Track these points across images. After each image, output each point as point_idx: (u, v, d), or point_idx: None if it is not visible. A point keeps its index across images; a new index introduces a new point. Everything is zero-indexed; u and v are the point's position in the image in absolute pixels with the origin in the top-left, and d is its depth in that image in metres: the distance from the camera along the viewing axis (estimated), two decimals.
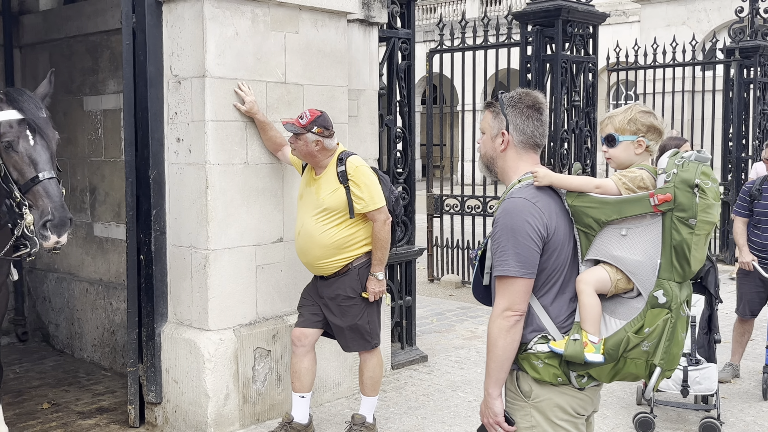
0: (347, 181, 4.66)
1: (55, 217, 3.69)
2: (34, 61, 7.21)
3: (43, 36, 7.05)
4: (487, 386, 2.77)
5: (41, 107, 3.92)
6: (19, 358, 6.80)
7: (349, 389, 5.78)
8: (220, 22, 4.88)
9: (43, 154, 3.80)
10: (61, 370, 6.50)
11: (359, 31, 6.03)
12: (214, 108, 4.91)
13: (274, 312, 5.31)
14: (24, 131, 3.80)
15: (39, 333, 7.31)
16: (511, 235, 2.67)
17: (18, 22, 7.27)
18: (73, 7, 6.86)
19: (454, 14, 29.33)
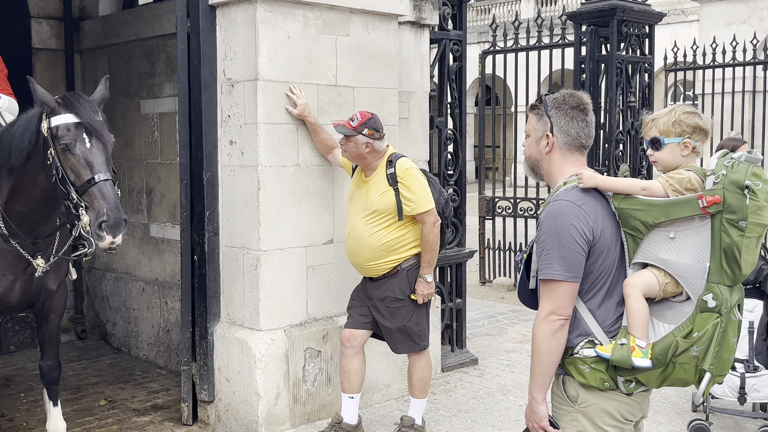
0: (396, 183, 4.68)
1: (110, 218, 3.78)
2: (93, 65, 7.41)
3: (102, 41, 7.25)
4: (531, 390, 2.76)
5: (97, 110, 4.02)
6: (77, 355, 7.00)
7: (398, 391, 5.80)
8: (272, 26, 4.95)
9: (99, 157, 3.91)
10: (117, 368, 6.67)
11: (410, 33, 6.05)
12: (266, 111, 4.98)
13: (324, 313, 5.36)
14: (81, 134, 3.91)
15: (97, 331, 7.51)
16: (556, 238, 2.66)
17: (78, 27, 7.49)
18: (131, 12, 7.04)
19: (508, 15, 29.14)
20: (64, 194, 3.94)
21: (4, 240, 4.36)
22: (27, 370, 6.53)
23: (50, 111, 3.95)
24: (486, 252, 10.38)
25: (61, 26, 7.40)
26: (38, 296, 4.58)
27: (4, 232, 4.34)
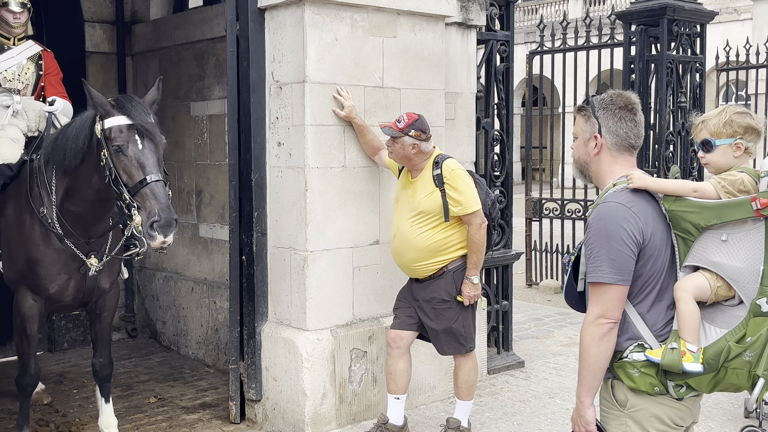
0: (443, 184, 4.68)
1: (162, 218, 3.85)
2: (144, 68, 7.55)
3: (153, 44, 7.38)
4: (579, 394, 2.73)
5: (149, 113, 4.10)
6: (128, 353, 7.13)
7: (444, 392, 5.80)
8: (320, 28, 4.99)
9: (151, 158, 3.98)
10: (167, 366, 6.78)
11: (457, 34, 6.04)
12: (314, 112, 5.02)
13: (370, 313, 5.38)
14: (133, 136, 3.99)
15: (147, 330, 7.64)
16: (605, 240, 2.63)
17: (130, 31, 7.63)
18: (182, 16, 7.15)
19: (556, 15, 28.87)
20: (116, 195, 4.02)
21: (59, 239, 4.47)
22: (80, 367, 6.67)
23: (104, 113, 4.04)
24: (532, 254, 10.30)
25: (113, 30, 7.55)
26: (91, 295, 4.69)
27: (58, 231, 4.45)
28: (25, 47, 5.40)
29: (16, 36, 5.38)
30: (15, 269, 4.64)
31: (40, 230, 4.51)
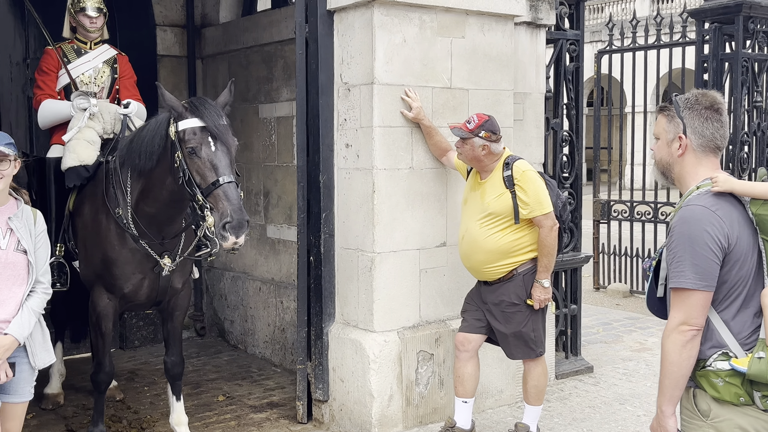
0: (513, 185, 4.61)
1: (234, 219, 3.88)
2: (214, 71, 7.66)
3: (222, 47, 7.47)
4: (660, 403, 2.64)
5: (222, 115, 4.14)
6: (197, 351, 7.23)
7: (511, 397, 5.72)
8: (389, 30, 4.97)
9: (223, 160, 4.02)
10: (235, 365, 6.86)
11: (526, 33, 5.95)
12: (382, 114, 5.01)
13: (437, 316, 5.34)
14: (206, 138, 4.03)
15: (215, 328, 7.74)
16: (688, 245, 2.54)
17: (200, 34, 7.75)
18: (251, 19, 7.23)
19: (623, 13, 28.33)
20: (190, 196, 4.07)
21: (134, 240, 4.55)
22: (150, 365, 6.79)
23: (177, 115, 4.09)
24: (600, 257, 10.11)
25: (183, 34, 7.68)
26: (164, 294, 4.76)
27: (133, 232, 4.53)
28: (101, 51, 5.52)
29: (93, 40, 5.50)
30: (91, 268, 4.75)
31: (116, 230, 4.60)
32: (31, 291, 3.60)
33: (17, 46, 6.96)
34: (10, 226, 3.55)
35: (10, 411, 3.62)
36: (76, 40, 5.50)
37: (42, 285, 3.65)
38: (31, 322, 3.56)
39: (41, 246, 3.67)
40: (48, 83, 5.33)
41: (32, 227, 3.63)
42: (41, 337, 3.68)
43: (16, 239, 3.55)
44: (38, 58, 5.86)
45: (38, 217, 3.70)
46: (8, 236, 3.54)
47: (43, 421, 5.36)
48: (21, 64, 6.97)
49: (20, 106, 6.97)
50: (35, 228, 3.65)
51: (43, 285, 3.65)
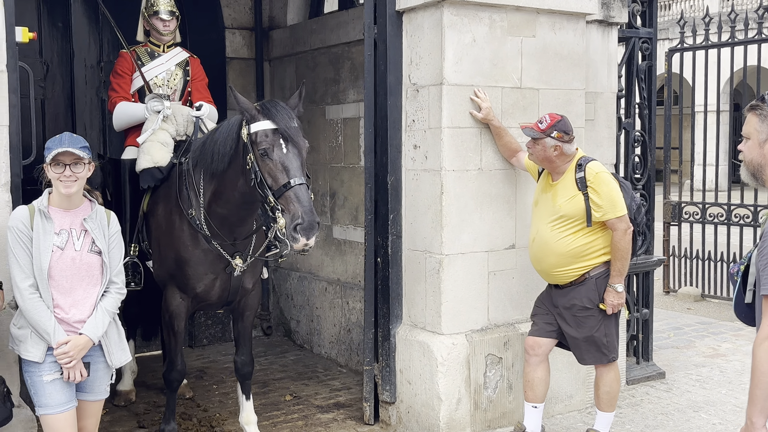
0: (586, 187, 4.50)
1: (305, 221, 3.88)
2: (281, 73, 7.70)
3: (289, 49, 7.52)
4: (750, 414, 2.54)
5: (293, 117, 4.14)
6: (264, 350, 7.28)
7: (581, 402, 5.60)
8: (458, 30, 4.92)
9: (295, 162, 4.02)
10: (301, 365, 6.88)
11: (597, 31, 5.83)
12: (450, 115, 4.95)
13: (505, 319, 5.26)
14: (278, 140, 4.04)
15: (282, 328, 7.79)
16: None
17: (268, 37, 7.81)
18: (318, 21, 7.25)
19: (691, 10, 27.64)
20: (261, 197, 4.08)
21: (206, 240, 4.60)
22: (218, 363, 6.87)
23: (250, 118, 4.11)
24: (671, 260, 9.85)
25: (252, 36, 7.75)
26: (235, 294, 4.79)
27: (206, 233, 4.57)
28: (174, 54, 5.59)
29: (166, 43, 5.58)
30: (164, 268, 4.81)
31: (189, 231, 4.65)
32: (106, 291, 3.65)
33: (92, 50, 7.11)
34: (84, 227, 3.60)
35: (87, 409, 3.68)
36: (149, 44, 5.59)
37: (116, 285, 3.70)
38: (105, 322, 3.60)
39: (115, 246, 3.71)
40: (122, 86, 5.42)
41: (106, 228, 3.68)
42: (117, 337, 3.73)
43: (91, 240, 3.60)
44: (112, 61, 5.98)
45: (112, 218, 3.75)
46: (83, 237, 3.59)
47: (116, 418, 5.47)
48: (95, 67, 7.12)
49: (94, 109, 7.12)
50: (109, 229, 3.69)
51: (117, 285, 3.70)
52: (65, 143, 3.49)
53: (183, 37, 6.13)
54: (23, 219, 3.50)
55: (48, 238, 3.49)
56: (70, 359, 3.48)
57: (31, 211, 3.54)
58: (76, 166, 3.51)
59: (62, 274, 3.51)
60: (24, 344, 3.51)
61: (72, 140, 3.53)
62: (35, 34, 4.09)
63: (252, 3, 7.72)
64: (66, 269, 3.52)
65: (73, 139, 3.55)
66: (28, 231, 3.48)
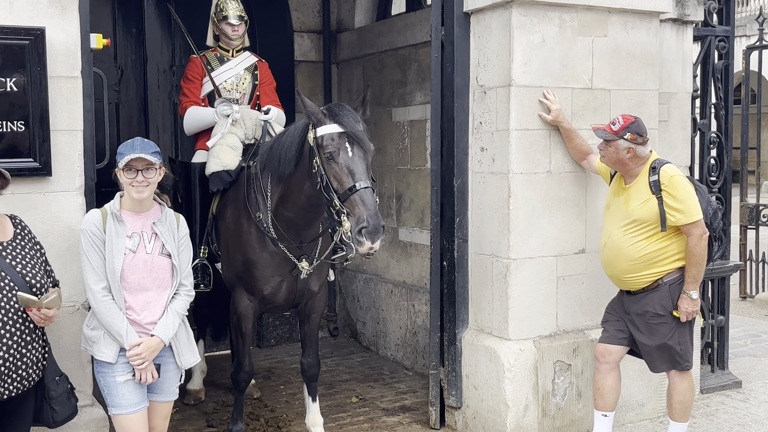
0: (660, 191, 4.36)
1: (370, 225, 3.85)
2: (349, 75, 7.71)
3: (357, 52, 7.52)
4: None
5: (359, 121, 4.12)
6: (330, 352, 7.30)
7: (653, 411, 5.43)
8: (527, 30, 4.83)
9: (360, 165, 3.99)
10: (367, 366, 6.87)
11: (671, 30, 5.65)
12: (519, 117, 4.87)
13: (574, 325, 5.14)
14: (344, 143, 4.02)
15: (348, 329, 7.80)
16: None
17: (336, 39, 7.82)
18: (385, 23, 7.23)
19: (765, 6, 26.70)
20: (327, 201, 4.08)
21: (273, 243, 4.61)
22: (285, 363, 6.91)
23: (316, 121, 4.11)
24: (748, 264, 9.50)
25: (320, 39, 7.78)
26: (302, 297, 4.80)
27: (273, 236, 4.59)
28: (243, 58, 5.64)
29: (235, 48, 5.63)
30: (232, 270, 4.85)
31: (257, 234, 4.68)
32: (175, 293, 3.69)
33: (164, 54, 7.25)
34: (154, 230, 3.64)
35: (157, 409, 3.73)
36: (219, 48, 5.64)
37: (185, 287, 3.74)
38: (175, 324, 3.64)
39: (184, 249, 3.75)
40: (193, 91, 5.49)
41: (175, 231, 3.71)
42: (186, 338, 3.77)
43: (161, 243, 3.64)
44: (183, 66, 6.08)
45: (181, 221, 3.79)
46: (153, 241, 3.63)
47: (186, 416, 5.54)
48: (167, 72, 7.26)
49: (167, 112, 7.25)
50: (178, 232, 3.73)
51: (186, 287, 3.74)
52: (137, 149, 3.53)
53: (252, 41, 6.18)
54: (96, 222, 3.55)
55: (120, 241, 3.54)
56: (142, 360, 3.52)
57: (104, 214, 3.58)
58: (147, 171, 3.55)
59: (134, 277, 3.55)
60: (97, 345, 3.57)
61: (144, 145, 3.57)
62: (109, 40, 4.16)
63: (320, 6, 7.75)
64: (138, 272, 3.56)
65: (145, 144, 3.59)
66: (101, 234, 3.52)
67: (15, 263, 3.31)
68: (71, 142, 3.93)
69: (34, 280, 3.34)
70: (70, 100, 3.92)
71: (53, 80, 3.84)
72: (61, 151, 3.90)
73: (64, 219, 3.95)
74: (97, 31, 4.14)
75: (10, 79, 3.68)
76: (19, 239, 3.42)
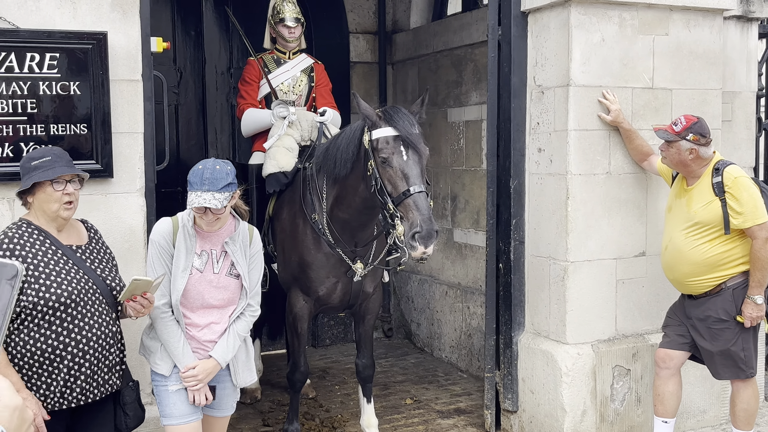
0: (724, 193, 4.23)
1: (423, 230, 3.81)
2: (404, 76, 7.68)
3: (412, 52, 7.48)
4: None
5: (414, 124, 4.08)
6: (384, 352, 7.28)
7: (715, 418, 5.28)
8: (586, 29, 4.73)
9: (414, 169, 3.95)
10: (421, 368, 6.83)
11: (735, 28, 5.48)
12: (577, 117, 4.77)
13: (634, 329, 5.02)
14: (398, 147, 3.98)
15: (402, 330, 7.77)
16: None
17: (391, 40, 7.80)
18: (441, 23, 7.18)
19: None
20: (381, 204, 4.05)
21: (329, 246, 4.60)
22: (340, 363, 6.91)
23: (371, 124, 4.08)
24: None
25: (375, 40, 7.76)
26: (356, 298, 4.78)
27: (329, 239, 4.58)
28: (299, 60, 5.65)
29: (291, 50, 5.65)
30: (288, 271, 4.86)
31: (312, 235, 4.67)
32: (240, 314, 3.52)
33: (222, 57, 7.32)
34: (225, 249, 3.45)
35: (213, 423, 3.64)
36: (275, 51, 5.67)
37: (251, 308, 3.56)
38: (235, 346, 3.47)
39: (255, 266, 3.55)
40: (250, 93, 5.53)
41: (247, 248, 3.51)
42: (245, 357, 3.61)
43: (230, 262, 3.45)
44: (240, 68, 6.12)
45: (255, 237, 3.58)
46: (222, 260, 3.45)
47: (242, 415, 5.57)
48: (225, 74, 7.33)
49: (224, 113, 7.32)
50: (251, 248, 3.53)
51: (252, 308, 3.56)
52: (206, 183, 3.25)
53: (308, 42, 6.20)
54: (165, 234, 3.40)
55: (189, 257, 3.38)
56: (197, 382, 3.40)
57: (175, 226, 3.42)
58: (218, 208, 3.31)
59: (199, 296, 3.40)
60: (153, 356, 3.46)
61: (214, 179, 3.27)
62: (169, 43, 4.21)
63: (376, 7, 7.74)
64: (203, 291, 3.41)
65: (216, 176, 3.28)
66: (169, 247, 3.38)
67: (94, 267, 3.24)
68: (132, 144, 3.98)
69: (113, 283, 3.28)
70: (131, 103, 3.97)
71: (115, 83, 3.89)
72: (122, 153, 3.95)
73: (125, 220, 4.00)
74: (157, 34, 4.19)
75: (74, 83, 3.74)
76: (94, 243, 3.34)
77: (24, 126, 3.66)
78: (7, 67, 3.60)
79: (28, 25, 3.67)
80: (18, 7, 3.68)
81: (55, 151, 3.18)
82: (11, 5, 3.67)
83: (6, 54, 3.59)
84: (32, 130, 3.66)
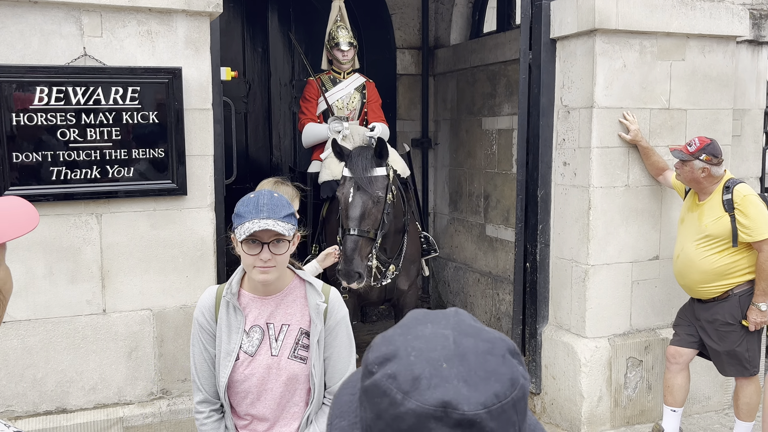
0: (733, 209, 3.99)
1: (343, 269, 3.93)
2: (444, 87, 7.47)
3: (452, 66, 7.26)
4: None
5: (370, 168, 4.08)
6: None
7: (718, 404, 5.07)
8: (609, 56, 4.49)
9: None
10: None
11: (747, 51, 5.16)
12: (600, 136, 4.55)
13: (647, 324, 4.82)
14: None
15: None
16: None
17: (433, 55, 7.58)
18: (478, 42, 6.94)
19: None
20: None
21: None
22: None
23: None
24: None
25: (419, 54, 7.56)
26: (392, 294, 4.70)
27: None
28: (353, 80, 5.52)
29: (345, 70, 5.51)
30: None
31: None
32: (318, 410, 2.23)
33: (285, 70, 7.20)
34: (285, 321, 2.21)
35: None
36: (332, 71, 5.54)
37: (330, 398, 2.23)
38: None
39: (337, 344, 2.22)
40: (310, 109, 5.42)
41: (320, 319, 2.18)
42: None
43: (295, 339, 2.19)
44: (301, 80, 6.02)
45: (332, 302, 2.23)
46: (284, 335, 2.19)
47: None
48: (288, 85, 7.22)
49: (287, 120, 7.23)
50: (327, 320, 2.20)
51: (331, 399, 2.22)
52: (263, 211, 2.04)
53: (360, 57, 6.04)
54: (206, 310, 2.22)
55: (234, 339, 2.17)
56: None
57: (218, 297, 2.22)
58: (278, 244, 2.07)
59: (253, 389, 2.18)
60: None
61: (272, 208, 2.06)
62: (237, 72, 4.09)
63: (420, 26, 7.52)
64: (258, 382, 2.17)
65: (274, 204, 2.07)
66: (210, 326, 2.21)
67: None
68: (203, 165, 3.90)
69: None
70: (203, 129, 3.88)
71: (188, 112, 3.80)
72: (195, 173, 3.87)
73: (197, 231, 3.93)
74: (228, 52, 4.09)
75: (153, 113, 3.66)
76: None
77: (110, 150, 3.59)
78: (95, 99, 3.54)
79: (113, 62, 3.59)
80: (104, 46, 3.60)
81: None
82: (98, 45, 3.59)
83: (94, 88, 3.52)
84: (116, 155, 3.59)
